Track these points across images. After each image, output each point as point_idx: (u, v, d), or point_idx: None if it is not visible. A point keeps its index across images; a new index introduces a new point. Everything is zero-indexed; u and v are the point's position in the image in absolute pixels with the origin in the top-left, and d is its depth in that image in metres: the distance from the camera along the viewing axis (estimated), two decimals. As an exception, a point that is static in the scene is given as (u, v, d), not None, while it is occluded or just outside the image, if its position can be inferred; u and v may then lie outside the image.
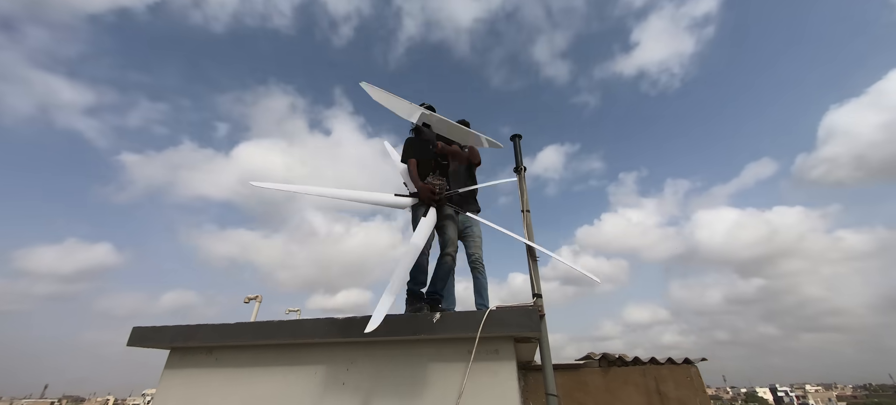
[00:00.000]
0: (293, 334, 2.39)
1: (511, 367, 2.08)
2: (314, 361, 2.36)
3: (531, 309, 2.18)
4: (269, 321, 2.47)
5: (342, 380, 2.26)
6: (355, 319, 2.30)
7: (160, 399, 2.54)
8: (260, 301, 10.46)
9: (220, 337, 2.53)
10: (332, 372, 2.30)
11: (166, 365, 2.65)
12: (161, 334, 2.66)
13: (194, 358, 2.60)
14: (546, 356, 2.27)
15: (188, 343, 2.59)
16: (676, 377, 3.79)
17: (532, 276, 2.61)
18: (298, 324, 2.42)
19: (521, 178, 3.18)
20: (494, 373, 2.08)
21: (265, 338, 2.43)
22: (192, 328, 2.59)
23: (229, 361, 2.52)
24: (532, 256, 2.69)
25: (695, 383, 3.74)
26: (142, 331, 2.73)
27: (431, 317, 2.17)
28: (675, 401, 3.68)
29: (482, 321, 2.07)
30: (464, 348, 2.14)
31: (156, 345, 2.69)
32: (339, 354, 2.34)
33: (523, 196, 3.04)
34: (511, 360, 2.10)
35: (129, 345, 2.74)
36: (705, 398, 3.68)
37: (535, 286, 2.57)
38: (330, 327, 2.32)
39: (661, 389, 3.74)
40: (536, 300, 2.50)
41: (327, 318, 2.36)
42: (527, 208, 2.95)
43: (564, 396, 3.74)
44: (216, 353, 2.57)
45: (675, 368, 3.84)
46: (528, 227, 2.84)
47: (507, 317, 2.13)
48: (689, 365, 3.85)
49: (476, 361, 2.08)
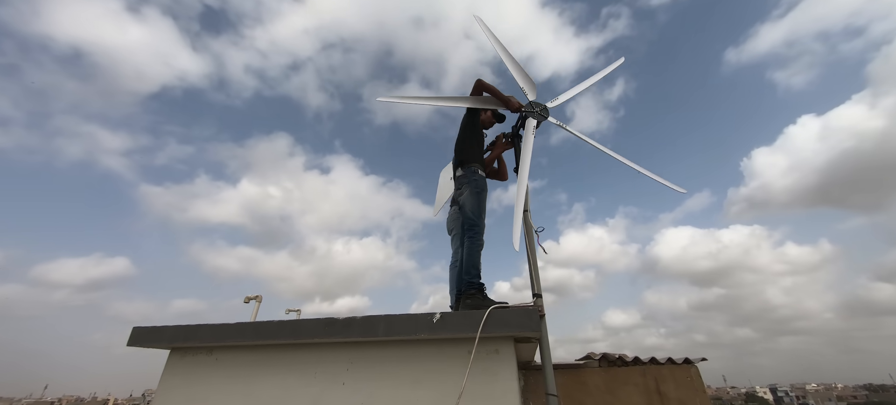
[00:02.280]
0: (293, 334, 2.39)
1: (511, 367, 2.08)
2: (314, 361, 2.36)
3: (531, 309, 2.18)
4: (269, 321, 2.47)
5: (342, 380, 2.26)
6: (355, 319, 2.30)
7: (160, 399, 2.54)
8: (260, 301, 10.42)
9: (220, 337, 2.53)
10: (331, 372, 2.30)
11: (166, 365, 2.65)
12: (161, 334, 2.65)
13: (194, 358, 2.60)
14: (546, 356, 2.27)
15: (188, 343, 2.58)
16: (676, 377, 3.79)
17: (532, 276, 2.61)
18: (298, 324, 2.41)
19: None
20: (494, 373, 2.08)
21: (265, 339, 2.43)
22: (192, 328, 2.59)
23: (229, 361, 2.52)
24: (532, 256, 2.69)
25: (695, 383, 3.74)
26: (142, 331, 2.73)
27: (431, 317, 2.17)
28: (675, 401, 3.67)
29: (482, 321, 2.07)
30: (464, 348, 2.14)
31: (156, 345, 2.69)
32: (339, 354, 2.34)
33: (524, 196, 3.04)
34: (511, 360, 2.10)
35: (130, 345, 2.74)
36: (705, 398, 3.68)
37: (535, 286, 2.57)
38: (330, 327, 2.32)
39: (661, 389, 3.74)
40: (536, 300, 2.50)
41: (327, 318, 2.36)
42: (527, 208, 2.95)
43: (564, 396, 3.74)
44: (216, 353, 2.57)
45: (675, 368, 3.84)
46: (528, 227, 2.84)
47: (507, 317, 2.13)
48: (689, 365, 3.85)
49: (476, 361, 2.07)
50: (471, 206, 3.01)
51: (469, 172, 3.18)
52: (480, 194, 3.06)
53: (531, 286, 2.59)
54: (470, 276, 2.78)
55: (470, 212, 2.99)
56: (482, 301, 2.62)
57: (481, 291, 2.74)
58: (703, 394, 3.69)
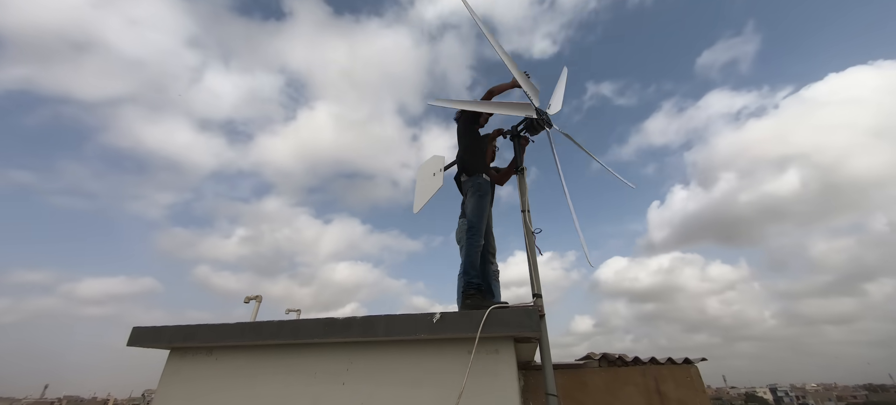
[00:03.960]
0: (293, 334, 2.39)
1: (511, 367, 2.08)
2: (314, 361, 2.36)
3: (531, 309, 2.18)
4: (269, 321, 2.47)
5: (342, 380, 2.26)
6: (355, 319, 2.30)
7: (160, 399, 2.54)
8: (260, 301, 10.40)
9: (220, 337, 2.53)
10: (331, 372, 2.30)
11: (166, 365, 2.65)
12: (161, 334, 2.65)
13: (194, 358, 2.60)
14: (546, 356, 2.27)
15: (188, 343, 2.58)
16: (676, 377, 3.78)
17: (532, 276, 2.61)
18: (298, 324, 2.41)
19: (521, 179, 3.18)
20: (494, 373, 2.08)
21: (265, 339, 2.43)
22: (191, 328, 2.59)
23: (229, 361, 2.52)
24: (532, 256, 2.69)
25: (695, 383, 3.74)
26: (142, 331, 2.72)
27: (431, 317, 2.17)
28: (675, 402, 3.67)
29: (482, 321, 2.07)
30: (464, 348, 2.14)
31: (156, 345, 2.69)
32: (338, 354, 2.34)
33: (523, 196, 3.04)
34: (511, 360, 2.10)
35: (129, 345, 2.74)
36: (705, 398, 3.67)
37: (535, 286, 2.56)
38: (330, 327, 2.32)
39: (661, 389, 3.74)
40: (536, 300, 2.50)
41: (327, 318, 2.36)
42: (526, 208, 2.95)
43: (564, 396, 3.74)
44: (216, 353, 2.57)
45: (675, 368, 3.83)
46: (527, 227, 2.84)
47: (507, 317, 2.13)
48: (689, 365, 3.84)
49: (476, 361, 2.07)
50: (472, 209, 3.03)
51: (474, 177, 3.20)
52: (483, 197, 3.08)
53: (531, 286, 2.59)
54: (469, 277, 2.78)
55: (471, 214, 3.00)
56: (481, 301, 2.62)
57: (480, 291, 2.74)
58: (703, 394, 3.68)
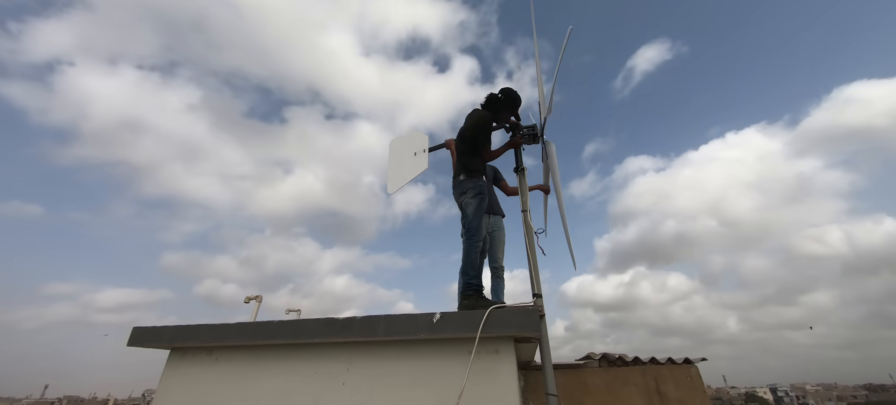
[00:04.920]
0: (293, 334, 2.39)
1: (511, 367, 2.08)
2: (314, 361, 2.36)
3: (531, 309, 2.18)
4: (269, 321, 2.47)
5: (342, 380, 2.26)
6: (355, 319, 2.30)
7: (160, 399, 2.54)
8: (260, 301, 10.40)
9: (220, 337, 2.52)
10: (331, 372, 2.30)
11: (166, 365, 2.65)
12: (161, 334, 2.65)
13: (194, 358, 2.60)
14: (546, 356, 2.27)
15: (188, 343, 2.58)
16: (676, 377, 3.78)
17: (532, 276, 2.61)
18: (298, 324, 2.41)
19: (521, 179, 3.18)
20: (494, 373, 2.08)
21: (265, 338, 2.43)
22: (192, 328, 2.59)
23: (229, 361, 2.52)
24: (532, 256, 2.69)
25: (695, 383, 3.73)
26: (142, 331, 2.72)
27: (431, 317, 2.17)
28: (675, 401, 3.67)
29: (482, 321, 2.07)
30: (464, 348, 2.14)
31: (156, 345, 2.69)
32: (339, 354, 2.34)
33: (523, 197, 3.05)
34: (511, 360, 2.10)
35: (130, 345, 2.74)
36: (705, 398, 3.67)
37: (535, 286, 2.56)
38: (330, 327, 2.32)
39: (661, 389, 3.73)
40: (536, 300, 2.50)
41: (327, 318, 2.36)
42: (526, 208, 2.96)
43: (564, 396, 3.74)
44: (216, 353, 2.57)
45: (675, 368, 3.83)
46: (527, 227, 2.84)
47: (508, 317, 2.13)
48: (689, 365, 3.84)
49: (476, 361, 2.07)
50: (471, 209, 3.01)
51: (474, 179, 3.15)
52: (482, 198, 3.07)
53: (531, 286, 2.59)
54: (468, 277, 2.78)
55: (469, 215, 2.99)
56: (481, 301, 2.63)
57: (480, 292, 2.74)
58: (703, 394, 3.68)
